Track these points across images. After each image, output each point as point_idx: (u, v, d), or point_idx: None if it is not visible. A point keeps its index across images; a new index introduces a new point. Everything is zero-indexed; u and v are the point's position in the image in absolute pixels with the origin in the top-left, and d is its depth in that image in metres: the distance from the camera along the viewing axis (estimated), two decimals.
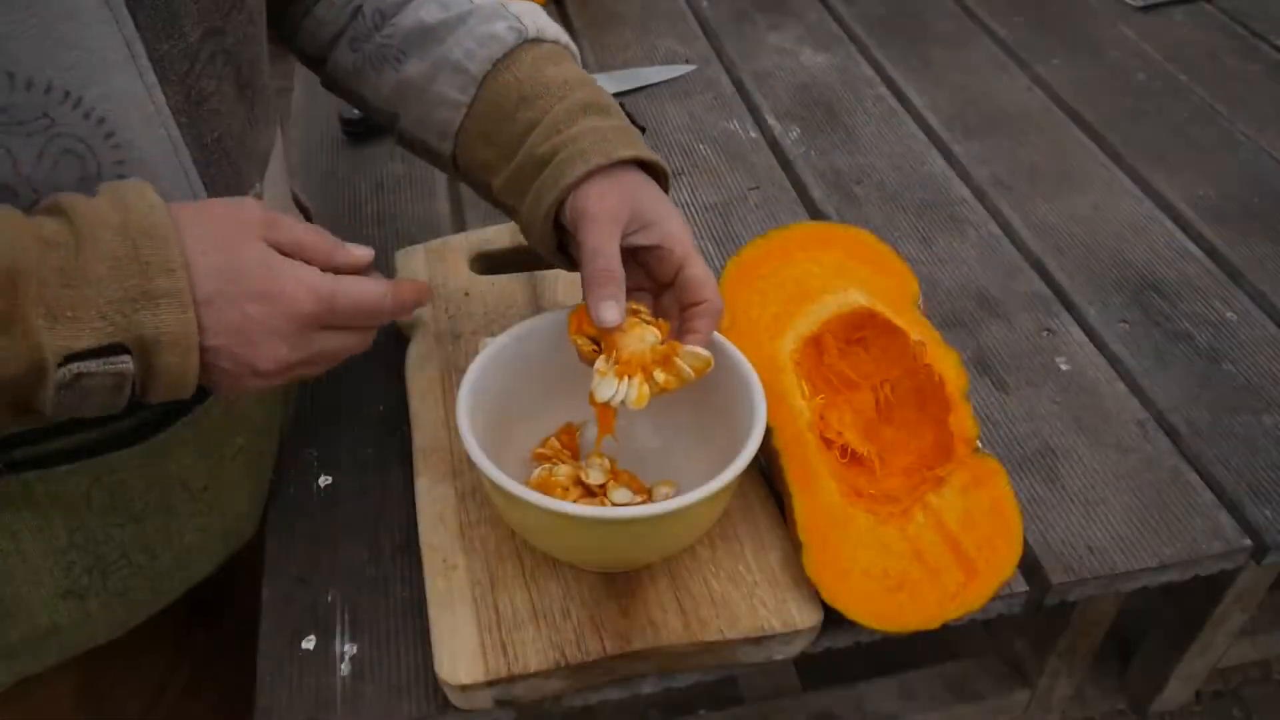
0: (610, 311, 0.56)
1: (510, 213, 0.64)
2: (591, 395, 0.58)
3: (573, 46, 0.67)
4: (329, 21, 0.67)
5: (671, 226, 0.59)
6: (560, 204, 0.58)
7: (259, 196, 0.59)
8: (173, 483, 0.60)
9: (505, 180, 0.62)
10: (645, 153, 0.60)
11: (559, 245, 0.62)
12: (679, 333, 0.59)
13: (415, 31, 0.64)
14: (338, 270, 0.52)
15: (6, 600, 0.55)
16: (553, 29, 0.66)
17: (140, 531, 0.59)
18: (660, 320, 0.59)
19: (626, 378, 0.57)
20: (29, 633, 0.57)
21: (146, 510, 0.59)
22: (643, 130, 0.64)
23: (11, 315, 0.42)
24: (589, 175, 0.58)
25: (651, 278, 0.61)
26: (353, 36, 0.66)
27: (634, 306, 0.59)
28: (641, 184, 0.60)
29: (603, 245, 0.56)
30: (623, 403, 0.57)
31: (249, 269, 0.48)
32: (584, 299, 0.57)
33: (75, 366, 0.44)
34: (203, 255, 0.47)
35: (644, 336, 0.58)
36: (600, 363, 0.58)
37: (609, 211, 0.57)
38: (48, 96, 0.45)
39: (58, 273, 0.43)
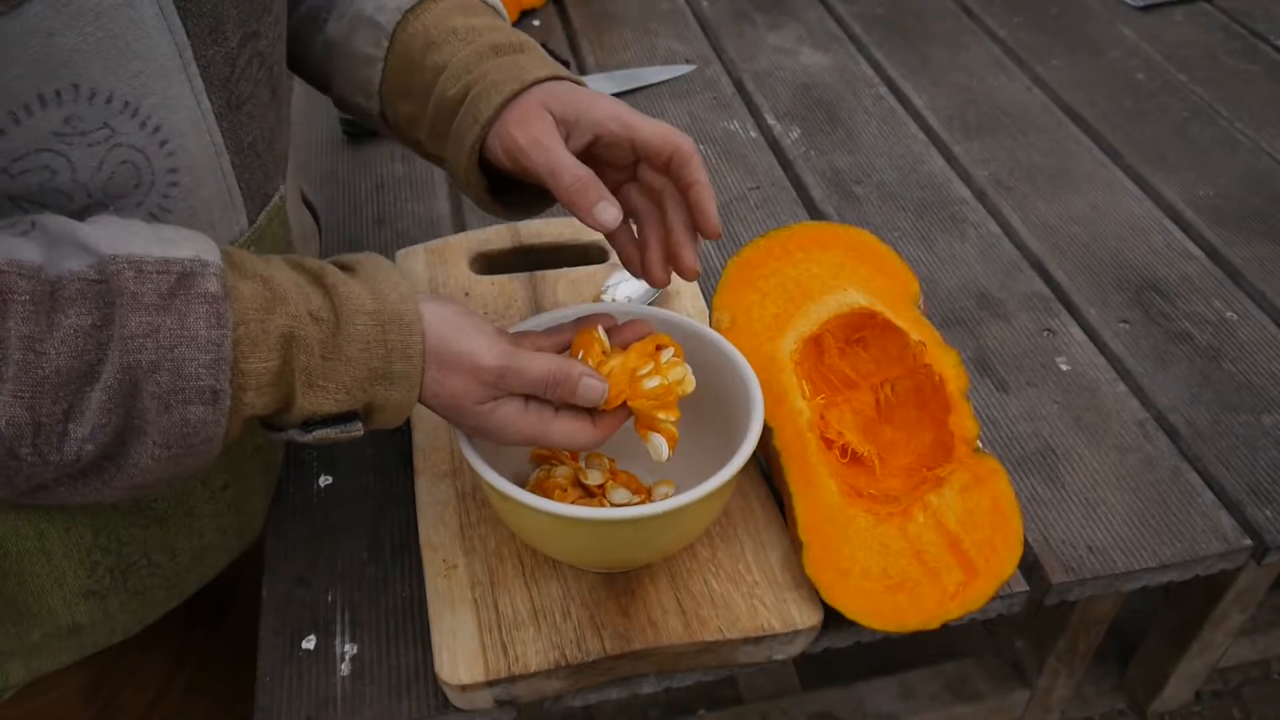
0: (606, 214, 0.55)
1: (440, 164, 0.63)
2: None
3: (491, 1, 0.66)
4: None
5: (597, 112, 0.57)
6: (482, 142, 0.58)
7: (283, 198, 0.60)
8: (195, 482, 0.60)
9: (428, 131, 0.62)
10: (561, 70, 0.59)
11: (490, 189, 0.61)
12: (687, 209, 0.58)
13: None
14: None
15: (30, 600, 0.55)
16: None
17: (163, 531, 0.59)
18: (613, 348, 0.58)
19: (651, 432, 0.58)
20: (50, 632, 0.57)
21: (169, 510, 0.59)
22: (566, 65, 0.63)
23: (283, 372, 0.48)
24: (504, 106, 0.57)
25: (616, 168, 0.60)
26: None
27: (585, 345, 0.58)
28: (550, 92, 0.57)
29: (556, 160, 0.55)
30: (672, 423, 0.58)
31: (467, 412, 0.53)
32: (576, 216, 0.56)
33: (318, 433, 0.50)
34: (431, 385, 0.52)
35: (624, 377, 0.57)
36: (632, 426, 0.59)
37: (540, 130, 0.56)
38: (108, 107, 0.45)
39: (319, 344, 0.48)
